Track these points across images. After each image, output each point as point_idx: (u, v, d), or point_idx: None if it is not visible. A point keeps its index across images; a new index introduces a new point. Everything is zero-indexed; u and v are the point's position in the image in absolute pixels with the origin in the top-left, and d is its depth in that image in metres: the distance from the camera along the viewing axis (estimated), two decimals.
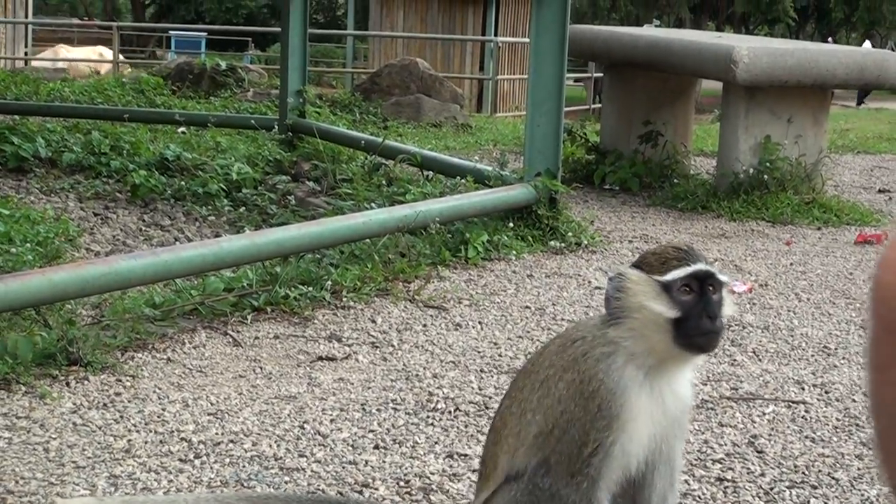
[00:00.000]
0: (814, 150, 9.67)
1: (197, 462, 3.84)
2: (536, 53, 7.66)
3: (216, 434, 4.10)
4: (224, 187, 9.22)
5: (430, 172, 9.18)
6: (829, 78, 9.53)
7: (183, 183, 9.37)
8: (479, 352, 5.28)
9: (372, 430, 4.21)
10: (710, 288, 2.60)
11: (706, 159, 12.35)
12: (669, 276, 2.57)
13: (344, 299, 5.96)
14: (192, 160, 9.88)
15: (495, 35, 25.98)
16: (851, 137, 16.33)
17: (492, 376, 4.93)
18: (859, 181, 11.99)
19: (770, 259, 7.69)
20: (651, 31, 12.87)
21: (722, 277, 2.63)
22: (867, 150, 15.06)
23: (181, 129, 12.11)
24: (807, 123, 9.61)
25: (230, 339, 5.28)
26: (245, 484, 3.67)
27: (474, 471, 3.84)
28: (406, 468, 3.87)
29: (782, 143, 9.37)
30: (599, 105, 19.45)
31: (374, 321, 5.70)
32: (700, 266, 2.60)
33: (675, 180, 10.10)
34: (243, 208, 8.89)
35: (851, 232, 8.78)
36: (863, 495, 3.75)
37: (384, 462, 3.91)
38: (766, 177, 9.31)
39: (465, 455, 4.00)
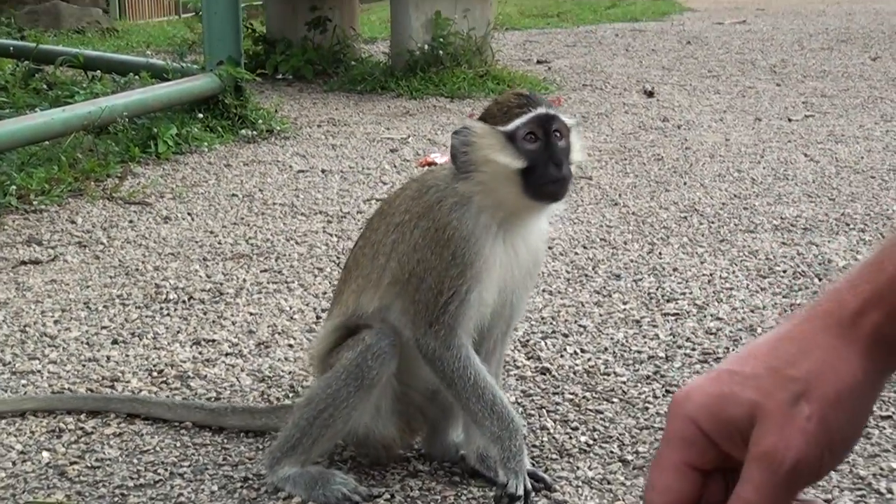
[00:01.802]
0: (482, 23, 9.81)
1: None
2: None
3: None
4: None
5: (97, 73, 8.58)
6: None
7: None
8: (196, 241, 5.01)
9: (105, 327, 3.90)
10: (557, 134, 2.52)
11: (374, 45, 12.32)
12: (511, 126, 2.49)
13: (34, 203, 5.49)
14: None
15: None
16: (498, 15, 16.78)
17: (217, 263, 4.69)
18: (517, 54, 12.34)
19: None
20: None
21: (567, 120, 2.56)
22: (514, 27, 15.54)
23: None
24: None
25: None
26: None
27: (227, 354, 3.65)
28: (154, 359, 3.61)
29: (452, 17, 9.45)
30: None
31: (73, 222, 5.29)
32: (541, 110, 2.51)
33: (353, 62, 9.99)
34: None
35: None
36: (611, 338, 3.83)
37: (128, 356, 3.64)
38: (440, 52, 9.37)
39: (213, 340, 3.78)
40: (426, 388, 2.77)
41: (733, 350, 3.67)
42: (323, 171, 6.46)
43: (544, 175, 2.49)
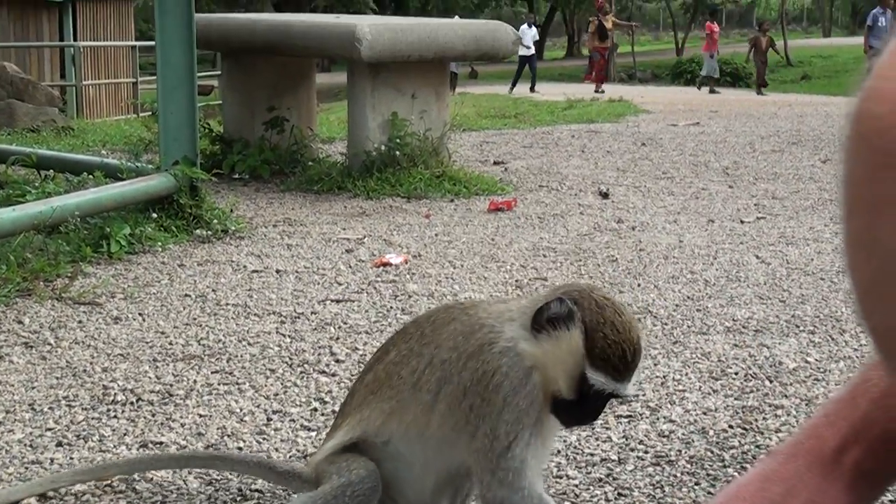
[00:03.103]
0: (438, 124, 9.92)
1: None
2: (163, 40, 7.33)
3: None
4: None
5: (51, 172, 8.56)
6: (449, 50, 9.81)
7: None
8: (146, 342, 4.96)
9: (49, 429, 3.83)
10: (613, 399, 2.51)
11: (332, 145, 12.41)
12: (593, 375, 2.38)
13: None
14: None
15: (75, 40, 24.75)
16: (455, 116, 17.01)
17: (167, 364, 4.63)
18: (474, 155, 12.47)
19: (415, 232, 7.79)
20: (268, 16, 12.74)
21: (631, 398, 2.56)
22: (471, 128, 15.73)
23: None
24: (430, 98, 9.85)
25: None
26: None
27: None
28: (99, 462, 3.53)
29: (409, 118, 9.55)
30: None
31: (20, 322, 5.22)
32: (624, 392, 2.43)
33: (310, 162, 10.05)
34: None
35: (482, 201, 9.08)
36: (564, 440, 3.80)
37: (72, 458, 3.56)
38: (397, 153, 9.45)
39: (160, 443, 3.72)
40: None
41: (685, 452, 3.66)
42: (278, 271, 6.44)
43: (575, 416, 2.48)
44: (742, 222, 8.16)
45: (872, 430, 0.99)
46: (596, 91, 27.12)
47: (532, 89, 29.34)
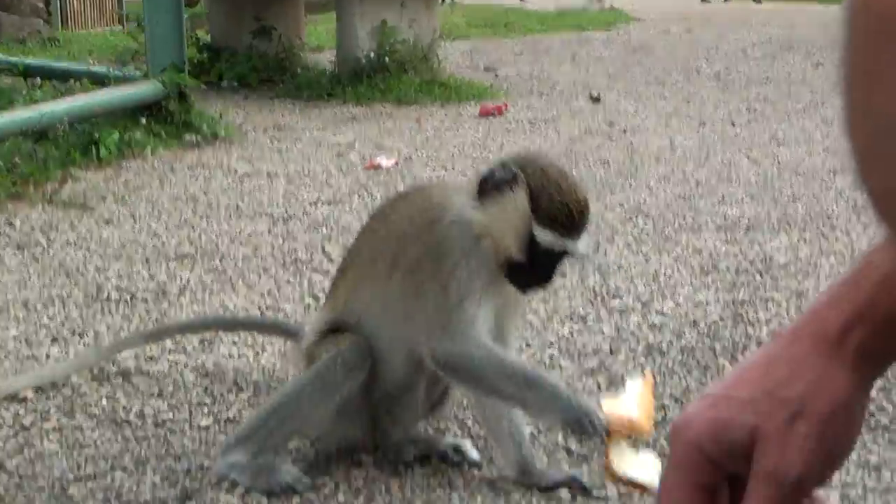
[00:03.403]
0: (428, 31, 9.82)
1: None
2: None
3: None
4: None
5: (38, 80, 8.47)
6: None
7: None
8: (139, 243, 4.96)
9: (44, 325, 3.85)
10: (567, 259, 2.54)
11: (321, 54, 12.28)
12: (541, 234, 2.45)
13: None
14: None
15: None
16: (444, 25, 16.83)
17: (160, 264, 4.64)
18: (464, 62, 12.35)
19: (405, 136, 7.76)
20: None
21: (586, 258, 2.57)
22: (461, 36, 15.58)
23: None
24: (419, 6, 9.73)
25: None
26: None
27: (170, 351, 3.61)
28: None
29: (398, 26, 9.45)
30: None
31: (11, 224, 5.22)
32: (577, 248, 2.48)
33: (299, 70, 9.96)
34: None
35: (473, 106, 9.02)
36: (557, 333, 3.84)
37: (68, 353, 3.59)
38: (386, 59, 9.36)
39: None
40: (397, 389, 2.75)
41: (676, 343, 3.70)
42: (268, 174, 6.42)
43: (528, 278, 2.52)
44: (734, 124, 8.14)
45: (876, 312, 1.02)
46: None
47: None
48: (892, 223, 0.73)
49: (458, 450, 2.78)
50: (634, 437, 2.37)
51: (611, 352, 3.64)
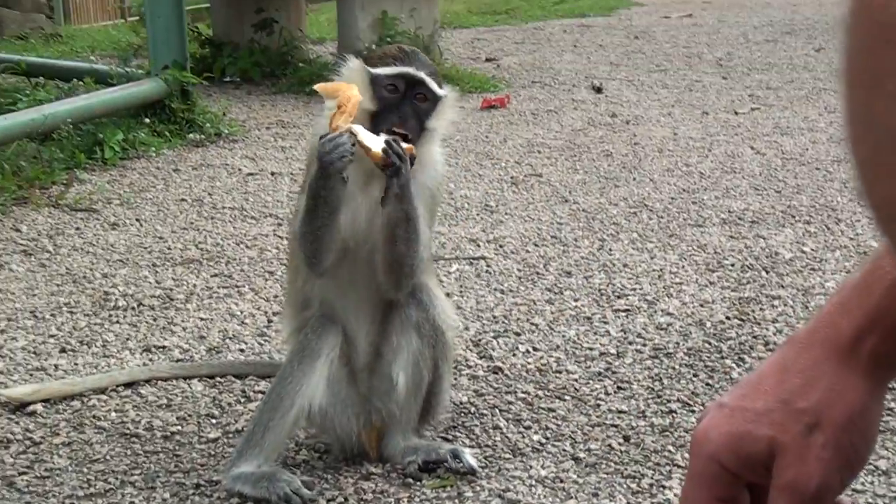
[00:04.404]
0: (428, 22, 9.81)
1: None
2: None
3: None
4: None
5: (41, 80, 8.47)
6: None
7: None
8: (145, 248, 4.97)
9: (52, 335, 3.86)
10: (419, 96, 2.65)
11: (322, 46, 12.27)
12: (378, 70, 2.65)
13: None
14: None
15: None
16: (446, 13, 16.80)
17: (166, 269, 4.65)
18: (466, 52, 12.33)
19: None
20: None
21: (435, 88, 2.63)
22: (462, 25, 15.55)
23: None
24: None
25: None
26: None
27: (178, 360, 3.63)
28: (103, 367, 3.58)
29: (399, 16, 9.44)
30: None
31: (18, 230, 5.23)
32: (410, 69, 2.64)
33: (301, 64, 9.94)
34: None
35: (475, 99, 9.01)
36: (563, 335, 3.85)
37: (76, 364, 3.60)
38: None
39: (163, 347, 3.76)
40: (368, 364, 2.82)
41: (682, 344, 3.70)
42: (272, 173, 6.42)
43: (385, 122, 2.62)
44: (736, 113, 8.13)
45: (888, 319, 1.02)
46: None
47: None
48: (894, 234, 0.73)
49: (456, 456, 2.80)
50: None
51: (617, 355, 3.65)
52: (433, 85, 2.68)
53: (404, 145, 2.57)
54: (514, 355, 3.66)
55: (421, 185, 2.71)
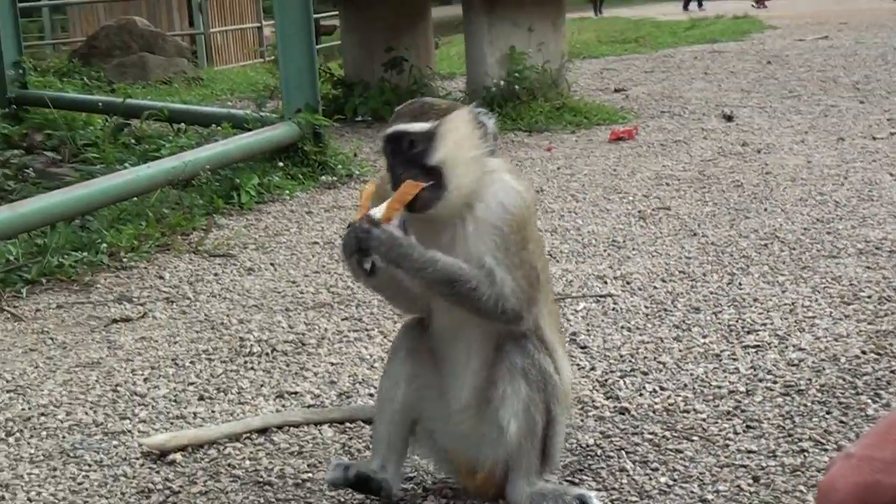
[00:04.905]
0: (556, 56, 9.85)
1: (11, 440, 3.54)
2: None
3: (23, 410, 3.79)
4: None
5: (182, 125, 8.79)
6: None
7: None
8: (279, 292, 5.10)
9: (192, 383, 3.99)
10: (410, 143, 2.64)
11: (451, 81, 12.41)
12: (380, 136, 2.75)
13: (124, 260, 5.63)
14: None
15: None
16: (575, 44, 16.82)
17: (299, 314, 4.76)
18: (594, 84, 12.34)
19: (537, 166, 7.79)
20: None
21: (414, 129, 2.62)
22: (591, 55, 15.55)
23: None
24: (547, 31, 9.77)
25: (8, 315, 4.89)
26: (71, 454, 3.39)
27: (309, 406, 3.71)
28: (238, 414, 3.68)
29: (527, 51, 9.50)
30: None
31: (161, 277, 5.42)
32: (390, 130, 2.66)
33: None
34: None
35: (603, 131, 9.01)
36: (691, 373, 3.81)
37: (213, 412, 3.71)
38: (516, 87, 9.42)
39: (296, 392, 3.85)
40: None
41: (815, 380, 3.63)
42: None
43: (397, 182, 2.63)
44: (874, 139, 7.94)
45: None
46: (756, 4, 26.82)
47: (700, 5, 29.21)
48: None
49: (584, 501, 2.78)
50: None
51: (747, 393, 3.60)
52: (414, 128, 2.62)
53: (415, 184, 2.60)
54: (640, 395, 3.64)
55: (481, 224, 2.66)
